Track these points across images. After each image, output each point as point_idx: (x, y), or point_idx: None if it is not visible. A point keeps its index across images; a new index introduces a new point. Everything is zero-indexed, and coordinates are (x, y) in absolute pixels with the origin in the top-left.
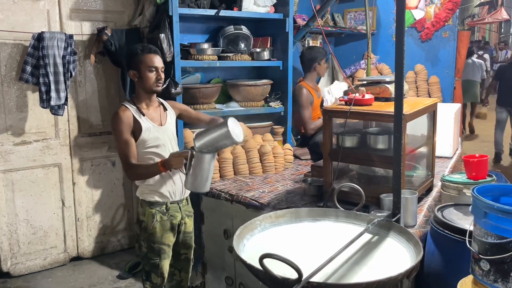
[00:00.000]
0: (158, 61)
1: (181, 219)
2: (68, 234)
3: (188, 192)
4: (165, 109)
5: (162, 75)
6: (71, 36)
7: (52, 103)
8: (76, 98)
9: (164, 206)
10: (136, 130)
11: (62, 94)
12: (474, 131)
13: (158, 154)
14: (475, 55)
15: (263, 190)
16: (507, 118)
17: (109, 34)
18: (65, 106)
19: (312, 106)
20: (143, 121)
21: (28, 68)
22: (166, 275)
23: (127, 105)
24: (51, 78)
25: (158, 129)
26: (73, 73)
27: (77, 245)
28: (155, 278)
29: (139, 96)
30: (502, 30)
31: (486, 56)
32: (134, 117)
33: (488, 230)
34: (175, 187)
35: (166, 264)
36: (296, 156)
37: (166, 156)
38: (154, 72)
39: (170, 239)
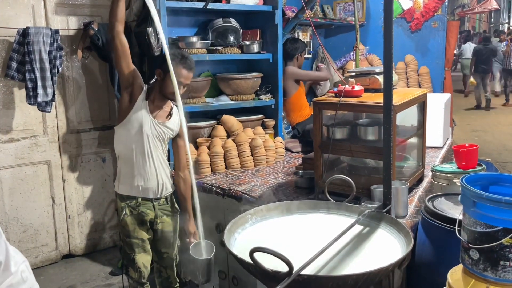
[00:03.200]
0: (187, 78)
1: (155, 217)
2: (59, 231)
3: (167, 191)
4: (170, 114)
5: (182, 91)
6: (57, 31)
7: (39, 99)
8: (64, 94)
9: (135, 201)
10: (136, 91)
11: (49, 90)
12: (467, 96)
13: (138, 138)
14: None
15: (254, 183)
16: (480, 81)
17: (96, 29)
18: (53, 103)
19: (296, 93)
20: (143, 97)
21: (14, 64)
22: (144, 270)
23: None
24: (38, 74)
25: (149, 116)
26: (60, 69)
27: (68, 242)
28: (132, 272)
29: (154, 90)
30: (492, 19)
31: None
32: (142, 89)
33: (477, 219)
34: (147, 184)
35: (142, 259)
36: (287, 149)
37: (146, 142)
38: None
39: (143, 234)
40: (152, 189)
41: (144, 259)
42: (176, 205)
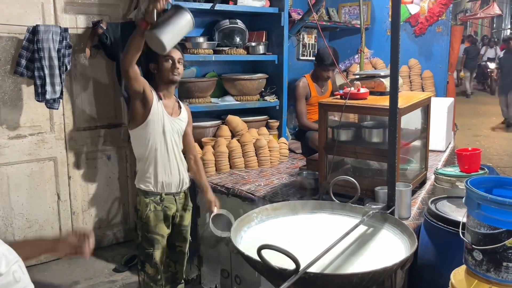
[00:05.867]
0: (174, 52)
1: (176, 211)
2: (64, 227)
3: (186, 186)
4: (179, 107)
5: (180, 66)
6: (66, 29)
7: (48, 96)
8: (71, 91)
9: (159, 196)
10: (149, 98)
11: (57, 88)
12: (460, 84)
13: (162, 138)
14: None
15: (258, 183)
16: (469, 75)
17: (104, 28)
18: (60, 100)
19: (309, 100)
20: (157, 100)
21: (23, 62)
22: (160, 266)
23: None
24: (46, 71)
25: (167, 116)
26: (68, 67)
27: None
28: (149, 268)
29: (158, 88)
30: (494, 25)
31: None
32: (152, 91)
33: (481, 221)
34: (171, 178)
35: (160, 255)
36: (291, 150)
37: (169, 140)
38: (170, 62)
39: (164, 229)
40: (175, 184)
41: (161, 255)
42: (190, 200)
